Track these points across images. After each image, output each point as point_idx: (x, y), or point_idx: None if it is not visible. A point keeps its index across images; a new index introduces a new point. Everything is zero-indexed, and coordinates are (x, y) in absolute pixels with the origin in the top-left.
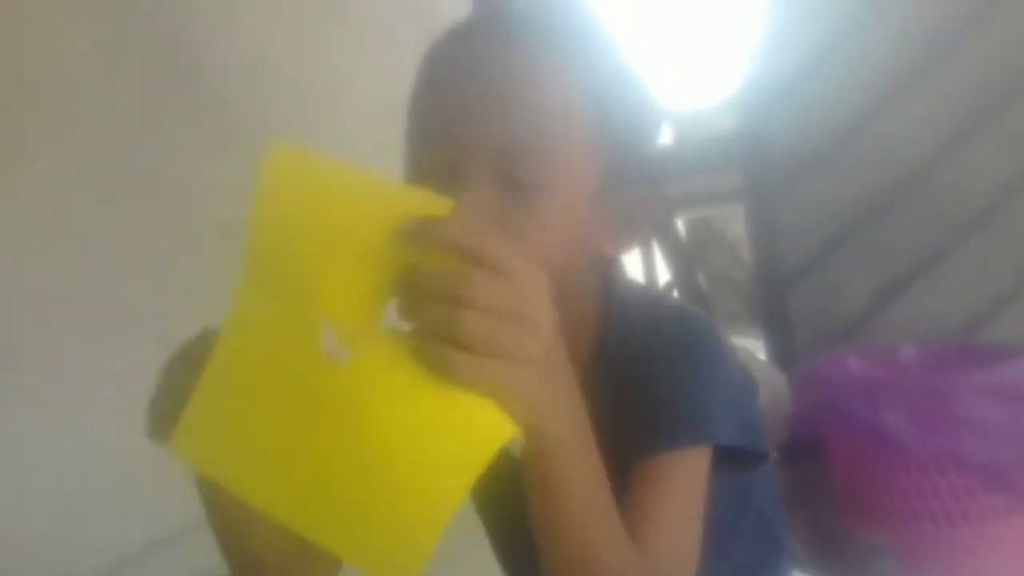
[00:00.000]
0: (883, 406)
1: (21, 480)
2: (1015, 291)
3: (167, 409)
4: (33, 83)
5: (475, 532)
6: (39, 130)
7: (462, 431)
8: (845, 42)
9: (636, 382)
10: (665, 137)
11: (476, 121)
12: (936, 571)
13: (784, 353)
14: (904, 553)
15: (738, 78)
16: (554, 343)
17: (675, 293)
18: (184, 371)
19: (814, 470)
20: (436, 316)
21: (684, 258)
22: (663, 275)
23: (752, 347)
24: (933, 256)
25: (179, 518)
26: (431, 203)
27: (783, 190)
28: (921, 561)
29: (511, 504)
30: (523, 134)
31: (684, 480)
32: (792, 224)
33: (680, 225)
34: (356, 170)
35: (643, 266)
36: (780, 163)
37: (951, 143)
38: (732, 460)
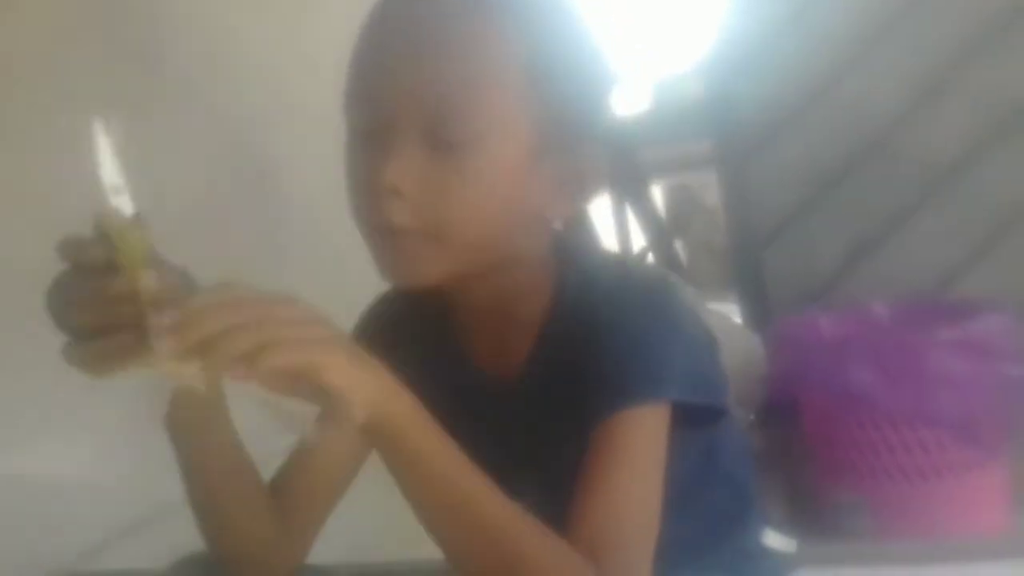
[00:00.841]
0: (853, 364)
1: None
2: (984, 248)
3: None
4: (7, 70)
5: None
6: (14, 116)
7: None
8: (811, 6)
9: (588, 344)
10: (641, 104)
11: (400, 80)
12: (909, 525)
13: (759, 315)
14: (878, 508)
15: (706, 46)
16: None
17: (649, 259)
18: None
19: (789, 430)
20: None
21: (659, 224)
22: (638, 242)
23: (730, 312)
24: (903, 215)
25: (163, 495)
26: None
27: (754, 154)
28: (895, 515)
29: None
30: (448, 91)
31: (638, 440)
32: (764, 188)
33: (657, 192)
34: None
35: (617, 232)
36: (750, 127)
37: (917, 104)
38: (693, 418)
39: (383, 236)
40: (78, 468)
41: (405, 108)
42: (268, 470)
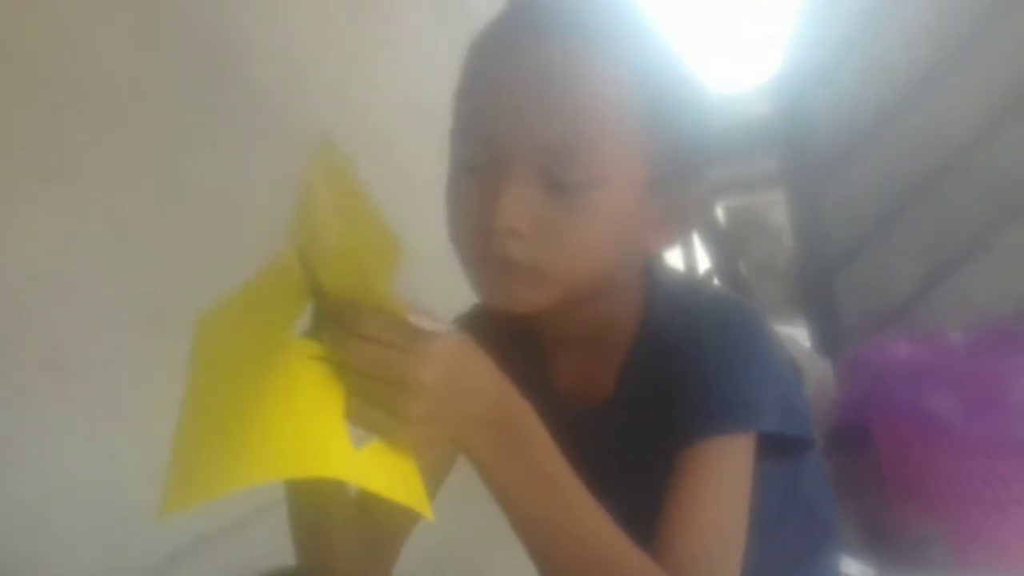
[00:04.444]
0: (931, 391)
1: (70, 478)
2: None
3: None
4: (79, 88)
5: None
6: (86, 135)
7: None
8: (882, 24)
9: (677, 371)
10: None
11: (517, 119)
12: (988, 558)
13: (829, 339)
14: (955, 541)
15: (776, 62)
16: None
17: (715, 281)
18: None
19: (861, 457)
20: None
21: (724, 246)
22: (703, 263)
23: (795, 335)
24: (980, 238)
25: (228, 513)
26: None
27: (825, 175)
28: (973, 548)
29: None
30: (564, 133)
31: (727, 468)
32: (835, 209)
33: (720, 212)
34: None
35: (683, 254)
36: (820, 148)
37: (995, 123)
38: (778, 448)
39: (493, 267)
40: (147, 485)
41: (522, 148)
42: None
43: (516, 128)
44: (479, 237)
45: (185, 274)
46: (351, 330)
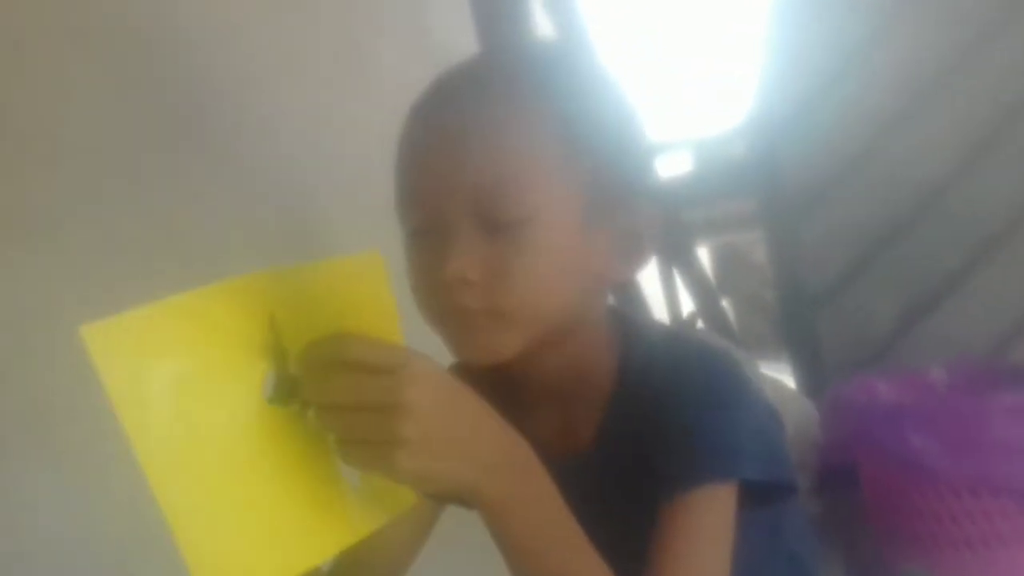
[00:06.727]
0: (913, 431)
1: (48, 534)
2: None
3: None
4: (59, 148)
5: None
6: (68, 195)
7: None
8: (856, 65)
9: (658, 420)
10: (684, 165)
11: (445, 178)
12: None
13: (812, 378)
14: None
15: (749, 104)
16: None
17: (699, 322)
18: None
19: (847, 498)
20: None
21: (707, 286)
22: (686, 305)
23: (780, 371)
24: (959, 275)
25: None
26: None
27: (802, 215)
28: None
29: None
30: (491, 179)
31: (711, 518)
32: (813, 249)
33: (703, 252)
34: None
35: (665, 296)
36: (797, 188)
37: (969, 161)
38: (760, 495)
39: (455, 320)
40: (139, 542)
41: (455, 202)
42: None
43: (444, 185)
44: (436, 294)
45: None
46: (332, 362)
